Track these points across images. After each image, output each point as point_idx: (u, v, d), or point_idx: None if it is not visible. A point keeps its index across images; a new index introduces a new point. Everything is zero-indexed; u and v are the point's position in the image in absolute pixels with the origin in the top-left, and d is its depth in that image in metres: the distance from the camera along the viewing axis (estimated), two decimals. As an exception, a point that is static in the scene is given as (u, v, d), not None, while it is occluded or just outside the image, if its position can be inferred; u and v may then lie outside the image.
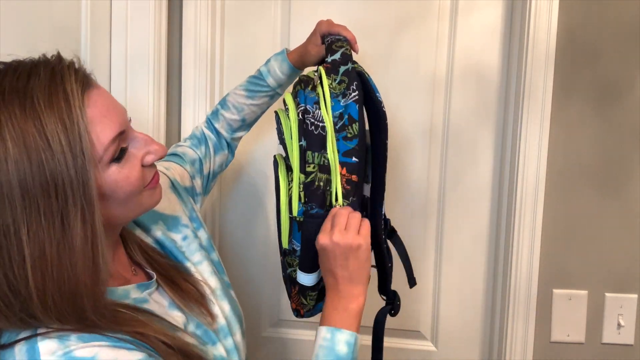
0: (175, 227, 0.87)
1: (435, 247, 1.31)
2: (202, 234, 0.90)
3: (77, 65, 0.64)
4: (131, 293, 0.72)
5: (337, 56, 0.84)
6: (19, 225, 0.58)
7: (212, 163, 1.02)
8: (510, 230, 1.22)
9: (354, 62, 0.86)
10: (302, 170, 0.80)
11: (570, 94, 1.18)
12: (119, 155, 0.65)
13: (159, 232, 0.84)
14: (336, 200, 0.80)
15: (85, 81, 0.64)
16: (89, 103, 0.63)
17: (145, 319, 0.68)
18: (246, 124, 1.06)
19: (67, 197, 0.59)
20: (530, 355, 1.23)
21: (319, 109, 0.80)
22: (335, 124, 0.81)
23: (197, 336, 0.77)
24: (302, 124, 0.80)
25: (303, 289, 0.85)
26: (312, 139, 0.80)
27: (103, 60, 1.20)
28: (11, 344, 0.61)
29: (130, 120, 0.70)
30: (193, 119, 1.26)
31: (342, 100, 0.81)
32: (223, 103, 1.04)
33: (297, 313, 0.91)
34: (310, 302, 0.88)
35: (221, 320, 0.82)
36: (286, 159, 0.84)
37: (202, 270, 0.85)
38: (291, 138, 0.81)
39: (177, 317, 0.76)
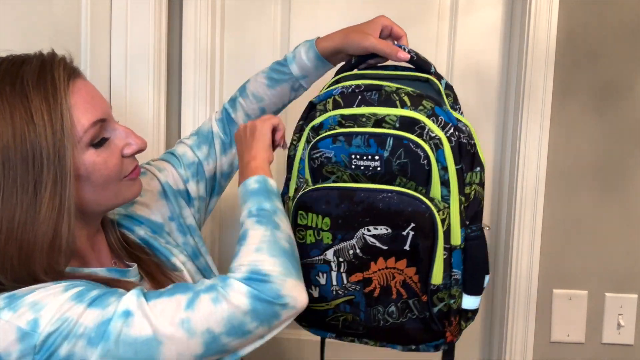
0: (159, 233, 0.88)
1: (435, 247, 1.31)
2: (189, 240, 0.91)
3: (67, 60, 0.70)
4: (99, 274, 0.73)
5: (432, 69, 0.83)
6: None
7: (217, 163, 0.96)
8: (510, 230, 1.21)
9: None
10: (462, 192, 0.76)
11: (570, 94, 1.18)
12: (99, 143, 0.70)
13: (141, 232, 0.86)
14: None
15: (72, 71, 0.70)
16: (74, 90, 0.68)
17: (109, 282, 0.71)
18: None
19: (42, 167, 0.64)
20: (530, 355, 1.23)
21: (465, 125, 0.78)
22: None
23: None
24: (457, 145, 0.76)
25: (466, 313, 0.80)
26: (467, 158, 0.76)
27: (103, 60, 1.20)
28: None
29: (115, 119, 0.74)
30: (193, 119, 1.26)
31: (457, 113, 0.81)
32: (242, 90, 0.97)
33: (451, 343, 0.82)
34: (468, 324, 0.82)
35: None
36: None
37: (186, 269, 0.85)
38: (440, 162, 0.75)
39: None
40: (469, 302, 0.79)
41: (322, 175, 0.80)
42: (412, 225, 0.73)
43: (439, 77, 0.84)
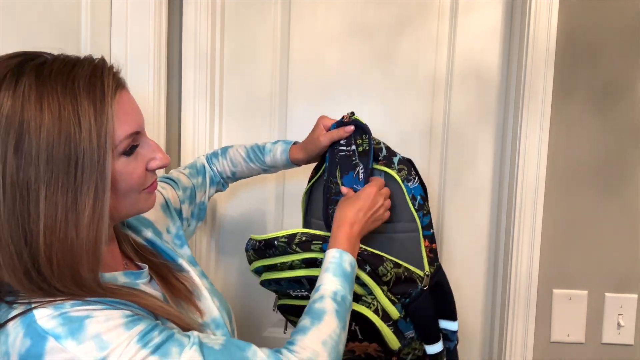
0: (161, 238, 0.93)
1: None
2: (186, 250, 0.96)
3: (115, 69, 0.73)
4: (118, 279, 0.75)
5: (384, 153, 0.99)
6: (39, 185, 0.64)
7: (206, 192, 1.10)
8: (510, 230, 1.22)
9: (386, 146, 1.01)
10: (381, 285, 0.91)
11: (570, 94, 1.18)
12: (129, 151, 0.72)
13: (149, 233, 0.90)
14: (423, 269, 0.95)
15: (119, 82, 0.72)
16: (119, 99, 0.70)
17: (139, 292, 0.73)
18: (236, 178, 1.14)
19: (83, 169, 0.66)
20: (530, 355, 1.23)
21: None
22: (412, 204, 0.98)
23: None
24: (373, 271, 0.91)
25: (434, 356, 0.96)
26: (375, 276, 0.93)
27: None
28: (4, 324, 0.64)
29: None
30: (193, 118, 1.26)
31: (410, 184, 0.98)
32: (224, 151, 1.12)
33: None
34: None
35: (211, 315, 0.84)
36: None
37: (194, 274, 0.89)
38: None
39: None
40: (431, 349, 0.94)
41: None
42: (354, 323, 0.90)
43: (391, 155, 1.00)
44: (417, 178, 0.98)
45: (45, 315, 0.63)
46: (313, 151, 1.04)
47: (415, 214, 0.97)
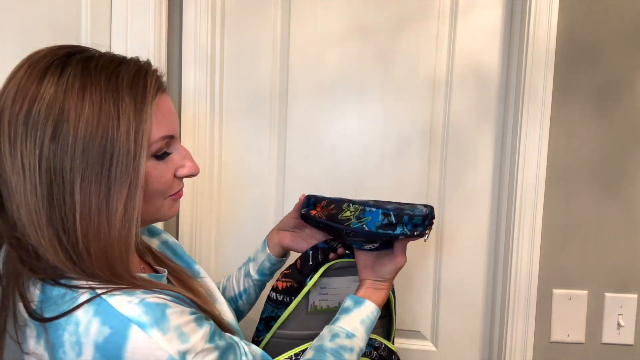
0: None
1: (435, 247, 1.31)
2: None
3: (158, 73, 0.73)
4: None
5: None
6: (74, 174, 0.64)
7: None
8: (510, 230, 1.22)
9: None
10: None
11: (570, 94, 1.18)
12: (161, 155, 0.72)
13: (166, 237, 0.91)
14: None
15: (161, 85, 0.73)
16: (159, 102, 0.71)
17: (175, 287, 0.75)
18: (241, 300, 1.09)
19: (118, 166, 0.66)
20: (530, 355, 1.23)
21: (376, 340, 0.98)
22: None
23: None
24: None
25: None
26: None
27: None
28: (70, 311, 0.63)
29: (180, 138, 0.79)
30: (193, 118, 1.26)
31: None
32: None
33: None
34: None
35: (227, 319, 0.84)
36: None
37: (209, 280, 0.91)
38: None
39: None
40: None
41: None
42: None
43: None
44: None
45: (124, 302, 0.63)
46: (282, 224, 1.02)
47: (393, 310, 1.00)
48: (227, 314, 0.85)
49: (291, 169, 1.30)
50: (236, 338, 0.74)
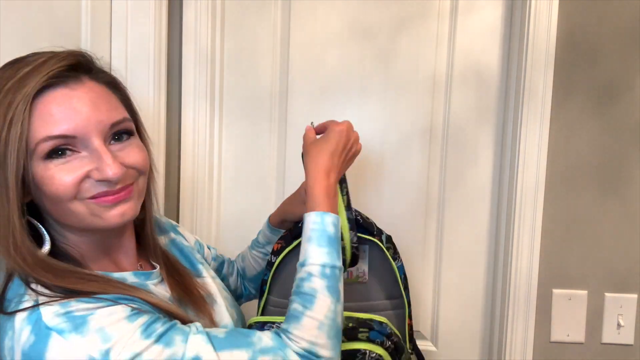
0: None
1: (435, 247, 1.31)
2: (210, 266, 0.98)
3: (56, 67, 0.68)
4: (127, 279, 0.75)
5: (375, 228, 0.98)
6: None
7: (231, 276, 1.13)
8: (510, 230, 1.22)
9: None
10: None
11: (570, 94, 1.18)
12: (52, 155, 0.68)
13: (173, 235, 0.91)
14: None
15: (54, 80, 0.68)
16: (46, 99, 0.67)
17: (139, 289, 0.73)
18: (246, 276, 1.13)
19: None
20: (530, 355, 1.23)
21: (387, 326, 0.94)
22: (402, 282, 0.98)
23: None
24: (394, 348, 0.91)
25: None
26: (400, 348, 0.93)
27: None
28: (13, 313, 0.65)
29: (125, 136, 0.74)
30: (193, 119, 1.26)
31: (396, 263, 0.98)
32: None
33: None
34: None
35: (222, 322, 0.83)
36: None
37: (211, 281, 0.90)
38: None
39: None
40: None
41: None
42: None
43: (380, 233, 0.98)
44: (399, 257, 0.97)
45: (50, 313, 0.64)
46: (287, 212, 1.03)
47: (404, 292, 0.97)
48: (224, 316, 0.84)
49: (291, 169, 1.30)
50: (197, 324, 0.71)
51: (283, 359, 0.70)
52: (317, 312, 0.74)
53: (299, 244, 0.93)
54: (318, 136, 0.92)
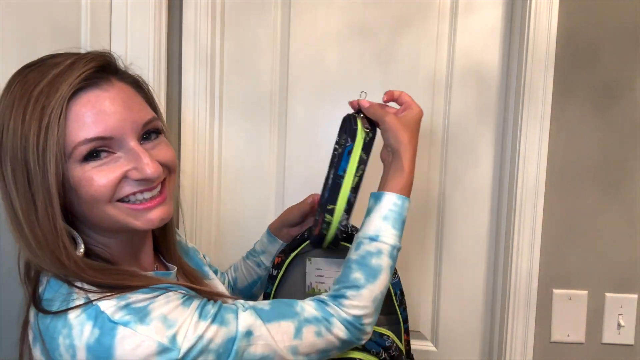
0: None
1: (435, 247, 1.31)
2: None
3: (87, 69, 0.69)
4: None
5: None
6: (8, 183, 0.67)
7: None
8: (510, 230, 1.22)
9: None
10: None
11: (570, 94, 1.18)
12: (89, 157, 0.68)
13: (178, 238, 0.92)
14: None
15: (86, 82, 0.68)
16: (78, 102, 0.67)
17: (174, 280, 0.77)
18: (237, 287, 1.14)
19: (36, 177, 0.66)
20: (530, 355, 1.23)
21: (388, 337, 0.96)
22: (395, 299, 0.98)
23: None
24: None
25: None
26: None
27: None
28: (64, 311, 0.66)
29: (155, 135, 0.75)
30: (193, 119, 1.26)
31: (392, 279, 0.96)
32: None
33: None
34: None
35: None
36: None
37: (218, 283, 0.94)
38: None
39: None
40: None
41: None
42: None
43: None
44: (396, 273, 0.98)
45: (111, 307, 0.65)
46: (288, 217, 1.06)
47: (398, 309, 0.98)
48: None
49: (291, 169, 1.30)
50: (241, 301, 0.75)
51: (327, 327, 0.75)
52: (377, 287, 0.80)
53: (298, 254, 0.97)
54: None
